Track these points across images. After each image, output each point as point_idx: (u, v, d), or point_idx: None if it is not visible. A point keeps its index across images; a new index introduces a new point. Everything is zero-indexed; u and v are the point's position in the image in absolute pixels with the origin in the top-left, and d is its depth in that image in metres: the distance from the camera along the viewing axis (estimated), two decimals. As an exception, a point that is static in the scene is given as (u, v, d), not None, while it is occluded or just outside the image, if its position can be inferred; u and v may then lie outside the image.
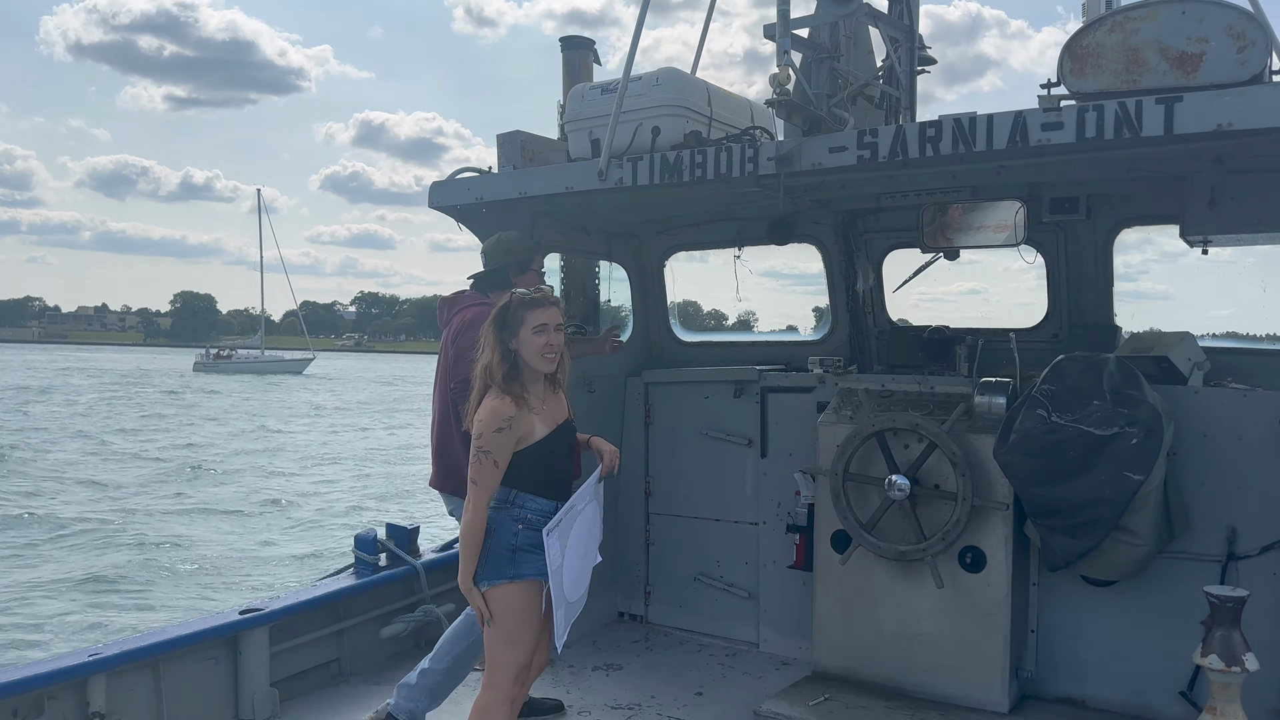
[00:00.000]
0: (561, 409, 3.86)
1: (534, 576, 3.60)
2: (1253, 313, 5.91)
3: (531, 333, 3.63)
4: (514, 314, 3.66)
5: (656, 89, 4.61)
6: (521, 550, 3.61)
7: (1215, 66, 3.50)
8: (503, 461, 3.58)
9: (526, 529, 3.62)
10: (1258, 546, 4.45)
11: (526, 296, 3.69)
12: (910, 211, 5.44)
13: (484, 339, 3.69)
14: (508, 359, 3.65)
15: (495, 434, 3.54)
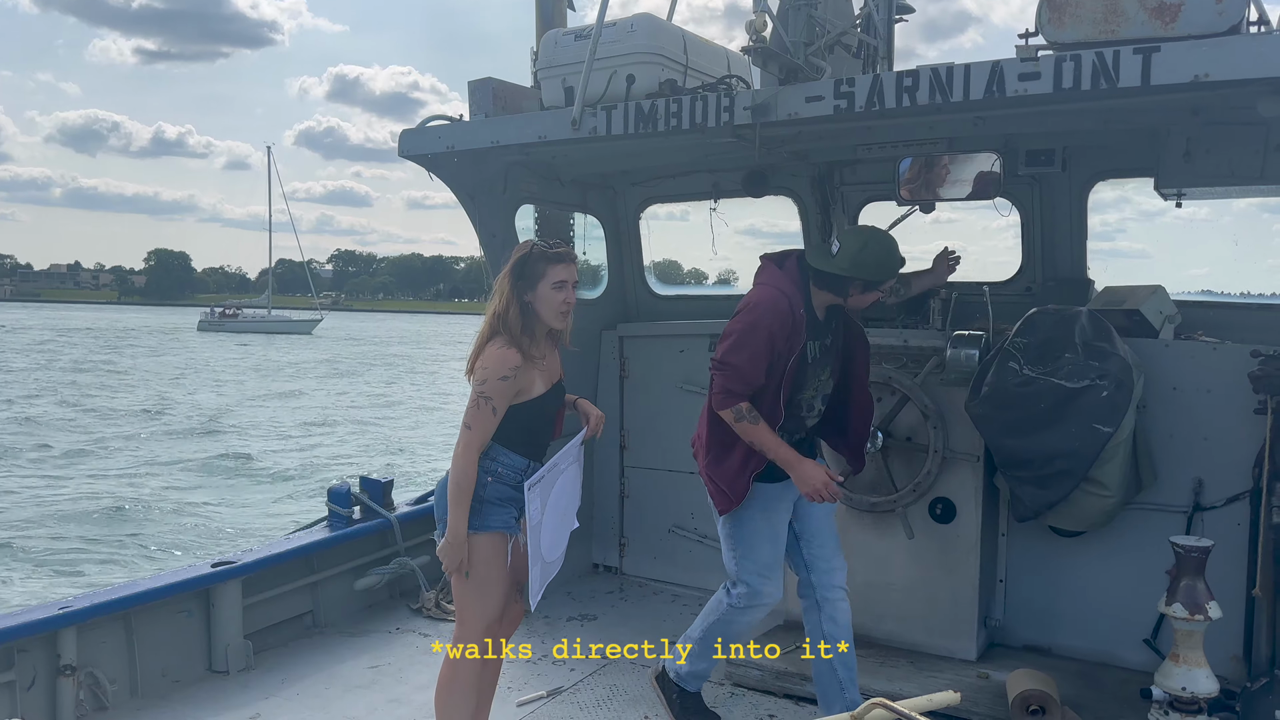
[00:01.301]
0: (558, 367, 3.80)
1: (500, 529, 3.56)
2: (1227, 270, 5.93)
3: (551, 288, 3.56)
4: (534, 266, 3.56)
5: (631, 35, 4.53)
6: (489, 502, 3.55)
7: (1193, 17, 3.47)
8: (501, 410, 3.50)
9: (496, 482, 3.56)
10: (1223, 498, 4.52)
11: (549, 249, 3.59)
12: (887, 164, 5.41)
13: (498, 288, 3.58)
14: (524, 311, 3.56)
15: (500, 381, 3.46)
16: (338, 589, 5.64)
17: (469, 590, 3.60)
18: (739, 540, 4.02)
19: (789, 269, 3.91)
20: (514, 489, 3.60)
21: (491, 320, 3.58)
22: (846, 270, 3.78)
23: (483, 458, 3.55)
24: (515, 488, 3.59)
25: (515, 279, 3.56)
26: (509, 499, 3.59)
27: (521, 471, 3.61)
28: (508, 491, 3.59)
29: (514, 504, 3.61)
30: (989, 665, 4.73)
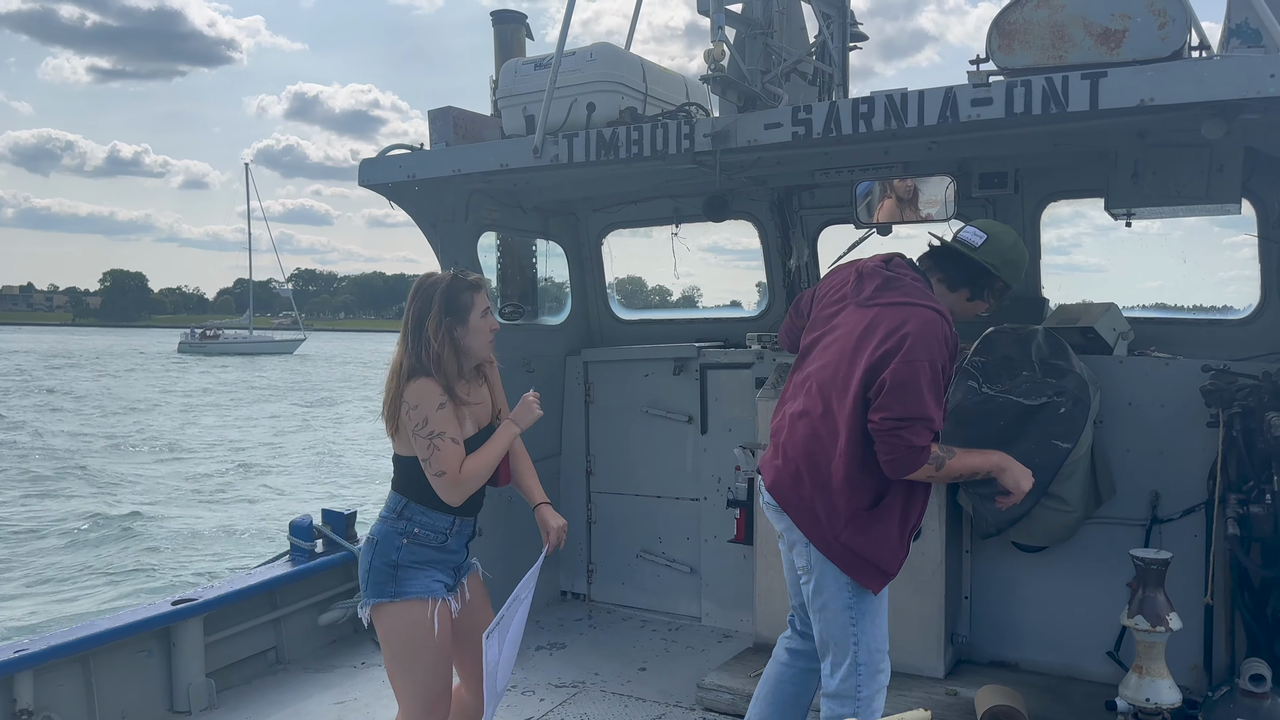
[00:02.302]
0: (487, 406, 3.48)
1: (419, 595, 3.24)
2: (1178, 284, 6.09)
3: (480, 316, 3.32)
4: (462, 297, 3.29)
5: (591, 64, 4.57)
6: (405, 567, 3.26)
7: (1137, 43, 3.57)
8: (459, 437, 3.22)
9: (413, 544, 3.27)
10: (1179, 510, 4.60)
11: (468, 277, 3.34)
12: (844, 188, 5.49)
13: (429, 328, 3.22)
14: (455, 350, 3.28)
15: (439, 411, 3.18)
16: (301, 624, 5.55)
17: (392, 663, 3.30)
18: (870, 615, 3.32)
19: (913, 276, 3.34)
20: (436, 550, 3.31)
21: (412, 366, 3.24)
22: (997, 267, 3.33)
23: (396, 518, 3.30)
24: (439, 549, 3.32)
25: (445, 314, 3.26)
26: (429, 561, 3.29)
27: (445, 531, 3.31)
28: (427, 554, 3.29)
29: (436, 566, 3.31)
30: (957, 682, 4.77)
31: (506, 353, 5.84)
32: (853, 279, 3.41)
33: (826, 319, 3.42)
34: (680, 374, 5.97)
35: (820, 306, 3.50)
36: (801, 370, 3.45)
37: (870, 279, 3.34)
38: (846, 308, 3.35)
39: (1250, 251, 4.89)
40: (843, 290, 3.42)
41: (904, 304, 3.22)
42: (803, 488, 3.29)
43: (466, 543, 3.46)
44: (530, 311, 6.68)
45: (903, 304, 3.22)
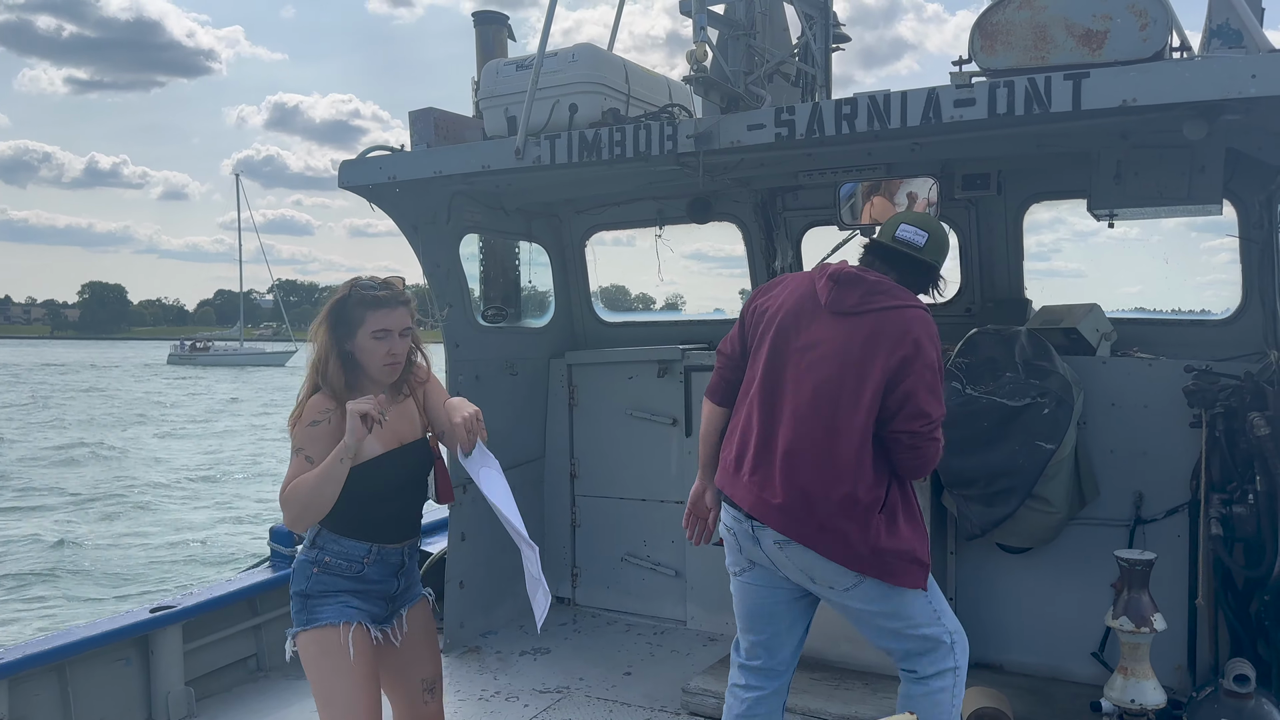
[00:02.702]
0: (412, 423, 3.22)
1: (329, 621, 3.05)
2: (1158, 288, 6.13)
3: (371, 338, 3.04)
4: (351, 312, 3.05)
5: (573, 65, 4.54)
6: (314, 598, 3.08)
7: (1119, 43, 3.57)
8: (319, 459, 2.95)
9: (324, 574, 3.09)
10: (1163, 510, 4.61)
11: (370, 292, 3.08)
12: (828, 189, 5.48)
13: (315, 335, 3.08)
14: (346, 362, 3.07)
15: (310, 428, 2.98)
16: (283, 632, 5.48)
17: (317, 700, 3.09)
18: (935, 599, 3.27)
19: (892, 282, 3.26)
20: (352, 579, 3.09)
21: (311, 372, 3.10)
22: (940, 263, 3.36)
23: (309, 546, 3.12)
24: (355, 579, 3.10)
25: (331, 326, 3.07)
26: (344, 590, 3.09)
27: (359, 560, 3.10)
28: (341, 583, 3.09)
29: (356, 595, 3.11)
30: (942, 684, 4.75)
31: (490, 355, 5.86)
32: (824, 288, 3.21)
33: (791, 332, 3.22)
34: (664, 376, 5.95)
35: (773, 320, 3.27)
36: (772, 389, 3.21)
37: (851, 286, 3.19)
38: (819, 318, 3.19)
39: (1228, 255, 4.91)
40: (803, 302, 3.25)
41: (901, 307, 3.15)
42: (819, 513, 3.10)
43: (397, 572, 3.20)
44: (513, 314, 6.65)
45: (900, 307, 3.15)
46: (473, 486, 5.57)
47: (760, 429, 3.21)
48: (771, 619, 3.37)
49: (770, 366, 3.24)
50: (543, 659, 5.46)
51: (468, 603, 5.66)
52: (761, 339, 3.30)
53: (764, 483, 3.18)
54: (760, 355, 3.28)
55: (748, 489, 3.22)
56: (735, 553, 3.36)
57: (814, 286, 3.25)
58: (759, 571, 3.32)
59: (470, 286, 5.83)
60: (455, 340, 5.56)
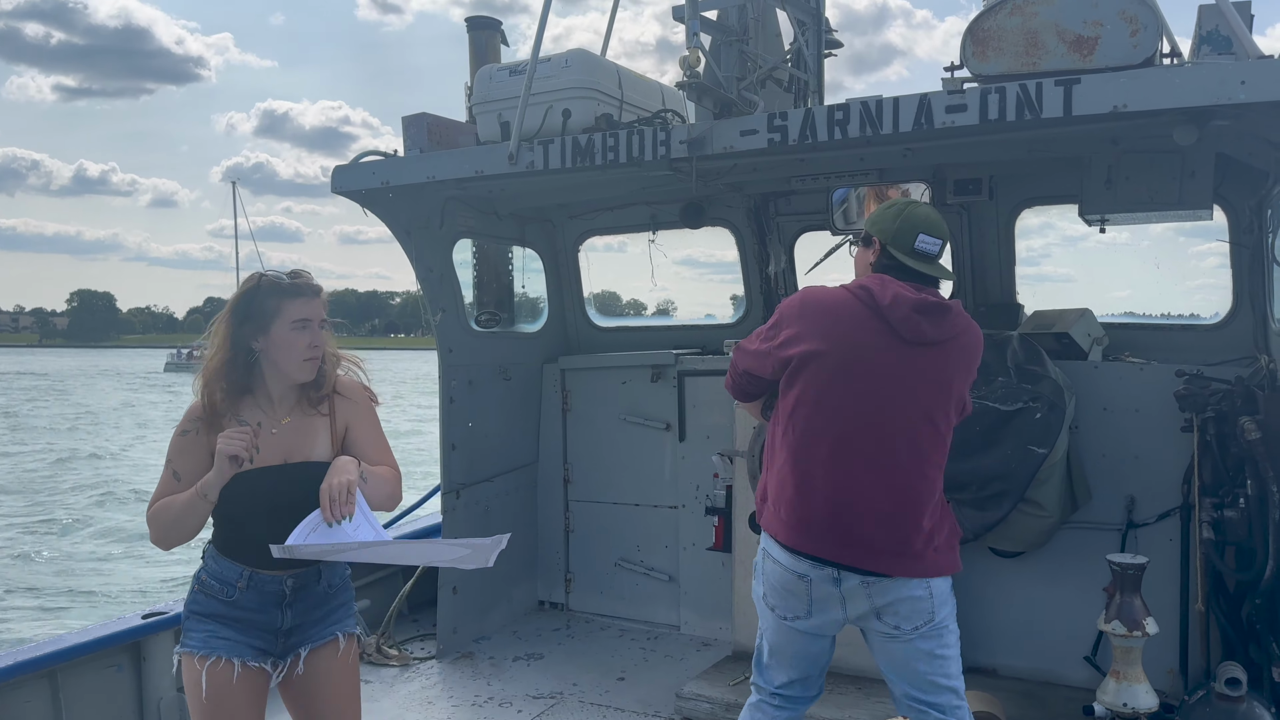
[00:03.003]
0: (310, 441, 2.90)
1: (190, 650, 2.83)
2: (1148, 293, 6.16)
3: (290, 328, 2.80)
4: (264, 303, 2.80)
5: (566, 71, 4.55)
6: (191, 617, 2.88)
7: (1110, 49, 3.59)
8: (186, 474, 2.75)
9: (200, 592, 2.87)
10: (1155, 514, 4.63)
11: (283, 280, 2.85)
12: (820, 194, 5.49)
13: (215, 335, 2.84)
14: (246, 363, 2.82)
15: (179, 437, 2.78)
16: None
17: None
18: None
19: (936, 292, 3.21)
20: (224, 604, 2.84)
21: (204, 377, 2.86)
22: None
23: (201, 559, 2.93)
24: (226, 604, 2.84)
25: (239, 322, 2.81)
26: (214, 614, 2.84)
27: (232, 584, 2.83)
28: (213, 606, 2.85)
29: (228, 623, 2.84)
30: (936, 688, 4.75)
31: (483, 361, 5.85)
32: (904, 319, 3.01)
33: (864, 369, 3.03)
34: (658, 381, 5.95)
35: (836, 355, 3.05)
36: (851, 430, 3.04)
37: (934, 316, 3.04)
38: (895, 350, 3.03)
39: (1216, 260, 4.94)
40: (871, 335, 3.04)
41: (968, 327, 3.15)
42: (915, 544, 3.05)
43: (280, 604, 2.87)
44: (506, 319, 6.65)
45: (968, 327, 3.15)
46: (467, 492, 5.63)
47: (839, 472, 3.05)
48: (816, 660, 3.32)
49: (846, 407, 3.05)
50: (536, 664, 5.45)
51: (461, 608, 5.65)
52: (822, 375, 3.07)
53: (851, 525, 3.04)
54: (829, 395, 3.06)
55: (827, 534, 3.06)
56: (797, 599, 3.14)
57: (878, 314, 3.04)
58: (819, 620, 3.16)
59: (463, 292, 5.83)
60: (448, 345, 5.56)
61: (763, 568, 3.24)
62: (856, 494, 3.04)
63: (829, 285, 3.20)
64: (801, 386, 3.10)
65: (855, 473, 3.04)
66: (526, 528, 6.30)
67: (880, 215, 3.23)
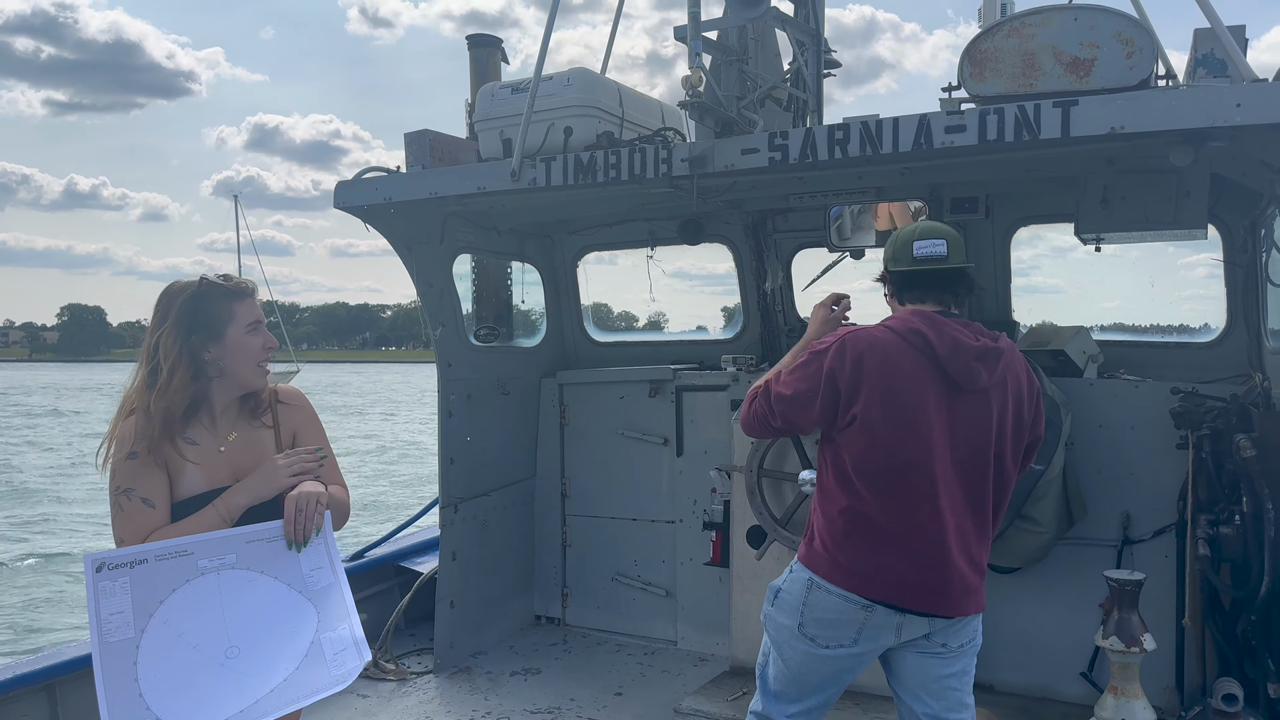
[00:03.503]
0: (260, 453, 2.71)
1: None
2: (1138, 304, 6.24)
3: (245, 332, 2.64)
4: (216, 308, 2.61)
5: (568, 89, 4.59)
6: None
7: (1106, 71, 3.64)
8: (159, 499, 2.50)
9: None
10: (1150, 531, 4.66)
11: (229, 283, 2.68)
12: (818, 212, 5.54)
13: (160, 346, 2.60)
14: (197, 377, 2.61)
15: (127, 461, 2.50)
16: None
17: None
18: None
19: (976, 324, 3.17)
20: None
21: (133, 397, 2.62)
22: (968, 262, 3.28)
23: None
24: None
25: (188, 331, 2.59)
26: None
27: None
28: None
29: None
30: (933, 704, 4.77)
31: (482, 375, 5.87)
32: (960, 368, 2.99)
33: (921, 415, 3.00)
34: (656, 396, 5.98)
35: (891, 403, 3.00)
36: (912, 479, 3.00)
37: (987, 362, 3.02)
38: (952, 395, 3.01)
39: (1205, 271, 4.99)
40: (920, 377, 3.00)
41: (1013, 358, 3.12)
42: (975, 585, 3.12)
43: None
44: (505, 334, 6.67)
45: (1013, 359, 3.12)
46: (465, 506, 5.64)
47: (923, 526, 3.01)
48: (841, 684, 3.27)
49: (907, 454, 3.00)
50: (534, 679, 5.45)
51: (458, 623, 5.65)
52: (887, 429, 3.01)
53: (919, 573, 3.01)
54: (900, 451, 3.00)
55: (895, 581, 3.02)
56: (847, 629, 3.09)
57: (937, 364, 3.01)
58: (865, 646, 3.12)
59: (462, 306, 5.85)
60: (447, 360, 5.58)
61: (806, 599, 3.11)
62: (925, 542, 3.00)
63: (870, 327, 3.10)
64: (866, 438, 3.02)
65: (921, 520, 3.00)
66: (524, 542, 6.30)
67: (885, 250, 3.26)
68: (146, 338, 2.63)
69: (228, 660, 2.34)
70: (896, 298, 3.21)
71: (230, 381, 2.68)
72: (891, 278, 3.21)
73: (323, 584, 2.53)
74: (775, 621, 3.21)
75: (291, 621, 2.45)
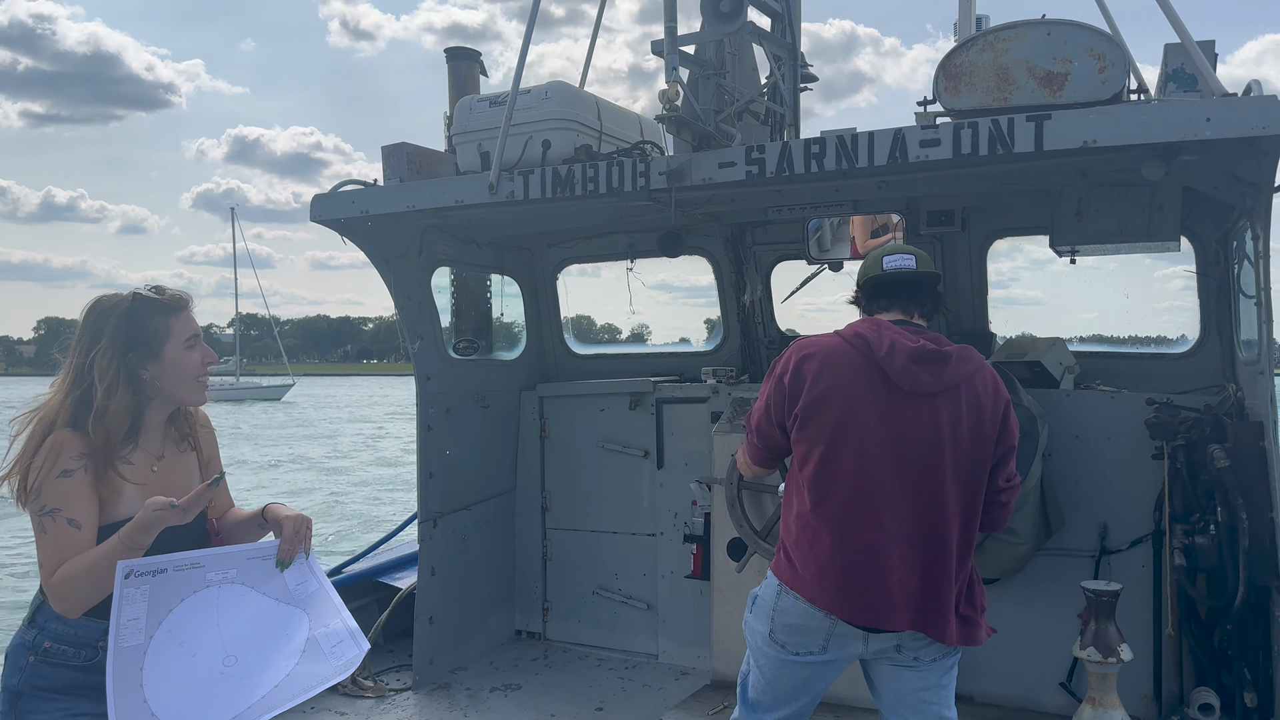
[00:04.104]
0: (187, 480, 2.64)
1: None
2: (1115, 316, 6.27)
3: (184, 348, 2.55)
4: (152, 324, 2.52)
5: (546, 102, 4.59)
6: (27, 696, 2.40)
7: (1079, 85, 3.68)
8: (87, 521, 2.36)
9: (40, 663, 2.41)
10: (1127, 541, 4.68)
11: (165, 297, 2.58)
12: (797, 224, 5.56)
13: (95, 367, 2.46)
14: (136, 396, 2.51)
15: (61, 480, 2.35)
16: None
17: None
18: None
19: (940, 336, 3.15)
20: (77, 671, 2.42)
21: (69, 414, 2.45)
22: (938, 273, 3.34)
23: (28, 625, 2.46)
24: (81, 669, 2.42)
25: (124, 350, 2.48)
26: (63, 687, 2.42)
27: (93, 645, 2.40)
28: (61, 678, 2.41)
29: (84, 695, 2.41)
30: (913, 716, 4.77)
31: (461, 388, 5.85)
32: (901, 369, 2.97)
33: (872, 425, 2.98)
34: (636, 408, 5.97)
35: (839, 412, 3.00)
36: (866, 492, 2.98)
37: (932, 365, 2.99)
38: (901, 403, 2.98)
39: (1181, 282, 5.04)
40: (871, 386, 3.00)
41: (978, 368, 3.07)
42: (945, 603, 3.02)
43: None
44: (484, 347, 6.66)
45: (978, 368, 3.07)
46: (444, 520, 5.60)
47: (858, 534, 2.99)
48: (814, 693, 3.25)
49: (849, 464, 3.00)
50: (514, 695, 5.42)
51: (437, 638, 5.61)
52: (825, 430, 3.02)
53: (875, 589, 2.98)
54: (839, 456, 3.00)
55: (852, 598, 3.00)
56: (815, 636, 3.08)
57: (875, 364, 3.00)
58: (834, 654, 3.12)
59: (441, 319, 5.83)
60: (426, 373, 5.56)
61: (775, 604, 3.11)
62: (862, 552, 2.97)
63: (821, 334, 3.19)
64: (808, 443, 3.06)
65: (857, 529, 2.98)
66: (504, 556, 6.28)
67: (858, 275, 3.32)
68: (73, 356, 2.51)
69: (226, 669, 2.39)
70: (865, 311, 3.27)
71: (166, 400, 2.60)
72: (861, 290, 3.29)
73: (309, 591, 2.59)
74: (751, 628, 3.26)
75: (285, 627, 2.50)
